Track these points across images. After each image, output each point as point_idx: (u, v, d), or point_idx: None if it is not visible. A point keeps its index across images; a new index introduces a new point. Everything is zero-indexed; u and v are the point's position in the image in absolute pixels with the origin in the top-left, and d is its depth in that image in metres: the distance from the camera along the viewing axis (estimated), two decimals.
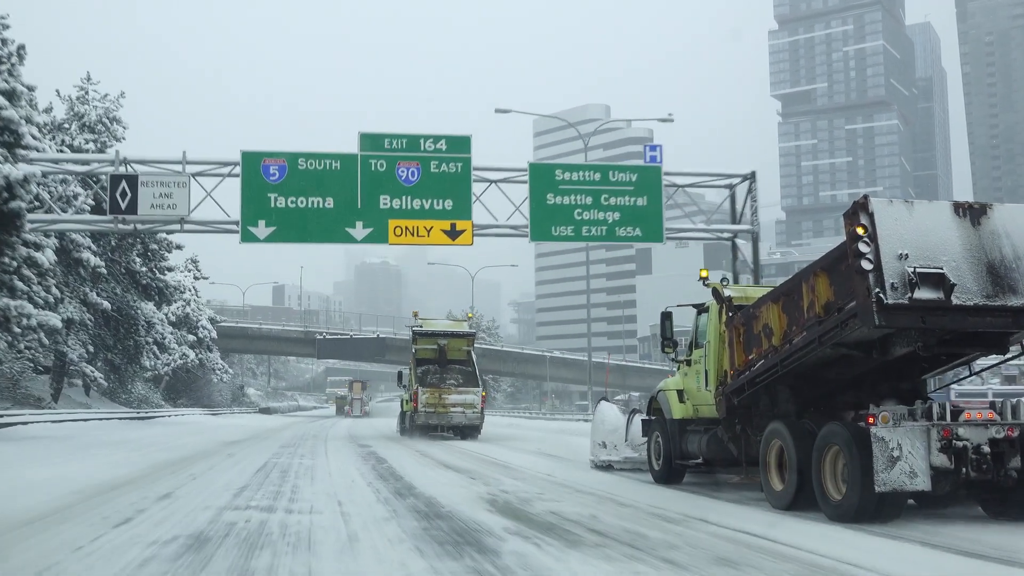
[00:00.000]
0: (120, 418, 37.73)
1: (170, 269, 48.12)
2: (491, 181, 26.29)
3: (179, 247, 47.56)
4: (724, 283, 13.02)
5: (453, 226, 25.37)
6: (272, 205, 24.79)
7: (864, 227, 9.07)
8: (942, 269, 9.01)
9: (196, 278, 61.03)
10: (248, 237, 24.82)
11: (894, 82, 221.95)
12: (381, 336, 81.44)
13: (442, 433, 29.91)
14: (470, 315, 49.24)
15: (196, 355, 57.74)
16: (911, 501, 10.29)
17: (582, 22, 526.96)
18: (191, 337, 58.00)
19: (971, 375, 11.22)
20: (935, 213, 9.34)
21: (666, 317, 14.36)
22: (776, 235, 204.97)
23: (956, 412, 9.35)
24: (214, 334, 61.45)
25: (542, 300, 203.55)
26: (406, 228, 25.19)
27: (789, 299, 10.76)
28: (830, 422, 9.98)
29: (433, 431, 29.83)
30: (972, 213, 9.36)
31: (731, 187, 28.51)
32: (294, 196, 24.85)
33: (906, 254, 8.99)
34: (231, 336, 77.99)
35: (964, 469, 9.14)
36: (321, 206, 24.92)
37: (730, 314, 12.29)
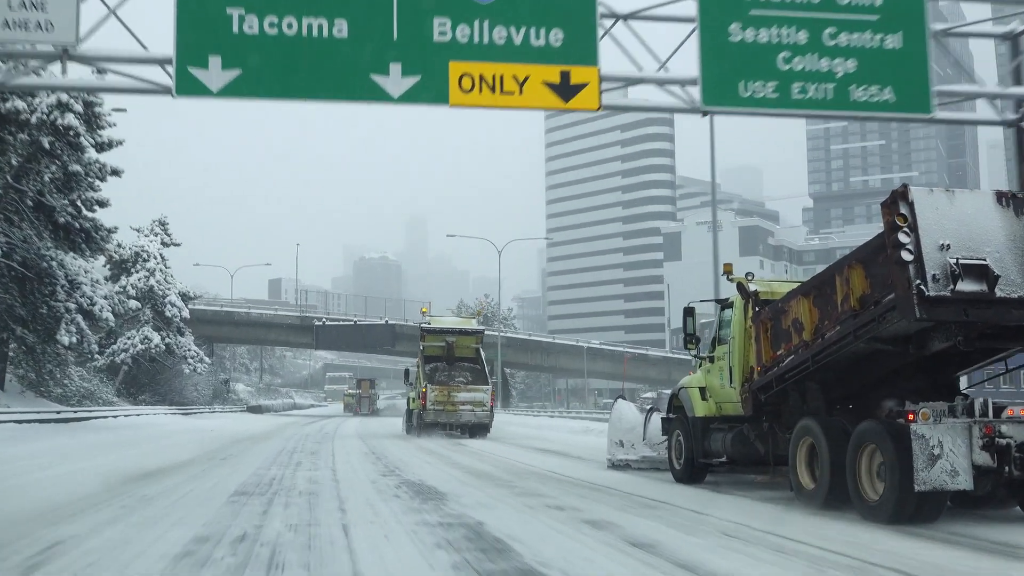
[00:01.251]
0: (21, 420, 24.94)
1: (101, 204, 31.77)
2: (619, 17, 13.64)
3: (116, 173, 31.65)
4: (749, 277, 12.70)
5: (565, 76, 13.24)
6: (234, 30, 12.62)
7: (904, 217, 8.76)
8: (985, 260, 8.70)
9: (165, 244, 49.96)
10: (189, 86, 12.47)
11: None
12: (391, 322, 72.61)
13: (450, 432, 29.54)
14: (479, 312, 48.81)
15: (163, 339, 47.14)
16: (947, 503, 9.99)
17: None
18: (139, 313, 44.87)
19: (1007, 371, 10.87)
20: (977, 202, 9.03)
21: (688, 313, 14.05)
22: (803, 223, 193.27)
23: (998, 409, 9.02)
24: (185, 313, 49.32)
25: (553, 292, 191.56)
26: (481, 78, 13.05)
27: (821, 293, 10.44)
28: (866, 419, 9.65)
29: (442, 429, 29.46)
30: (1016, 203, 9.05)
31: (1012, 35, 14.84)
32: (275, 15, 12.69)
33: (948, 244, 8.68)
34: (215, 322, 69.15)
35: (1007, 467, 8.81)
36: (326, 34, 12.81)
37: (756, 309, 11.97)
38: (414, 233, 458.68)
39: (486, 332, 43.86)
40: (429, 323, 32.26)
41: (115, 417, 33.78)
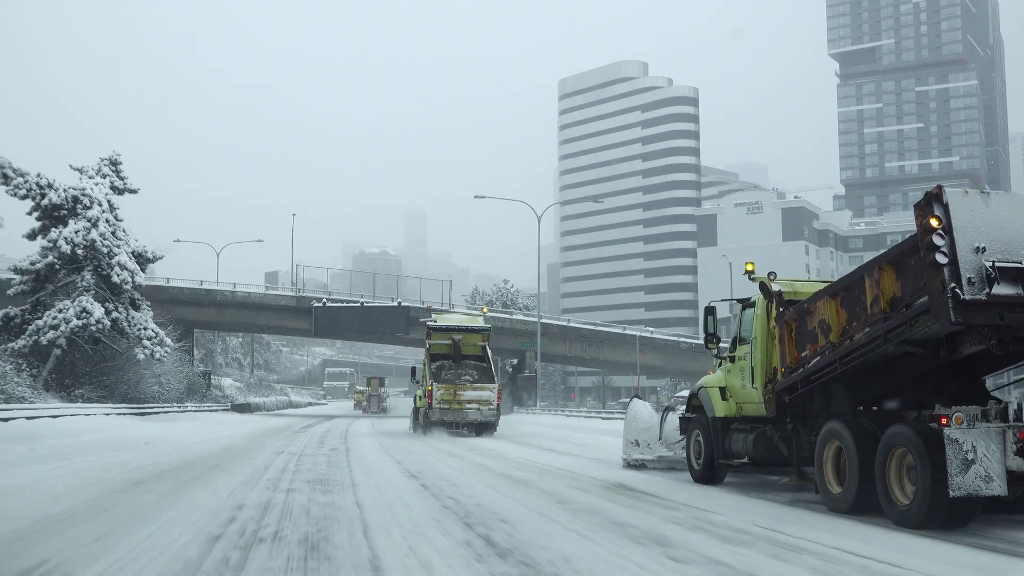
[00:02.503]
0: None
1: None
2: None
3: None
4: (772, 277, 12.59)
5: None
6: None
7: (938, 219, 8.64)
8: (1022, 263, 8.58)
9: (116, 189, 37.73)
10: None
11: (971, 39, 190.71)
12: (404, 304, 62.05)
13: (457, 430, 29.39)
14: (485, 310, 48.51)
15: (107, 312, 35.08)
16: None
17: None
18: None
19: None
20: (1013, 205, 8.92)
21: (709, 312, 13.96)
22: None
23: None
24: (140, 277, 37.49)
25: (566, 284, 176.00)
26: None
27: (849, 294, 10.33)
28: (896, 423, 9.56)
29: (448, 428, 29.31)
30: None
31: None
32: None
33: (983, 247, 8.57)
34: (194, 303, 60.22)
35: None
36: None
37: (780, 309, 11.86)
38: (413, 230, 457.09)
39: (517, 318, 42.38)
40: (435, 321, 32.07)
41: (29, 419, 22.92)
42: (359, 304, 63.76)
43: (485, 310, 48.92)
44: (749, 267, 13.07)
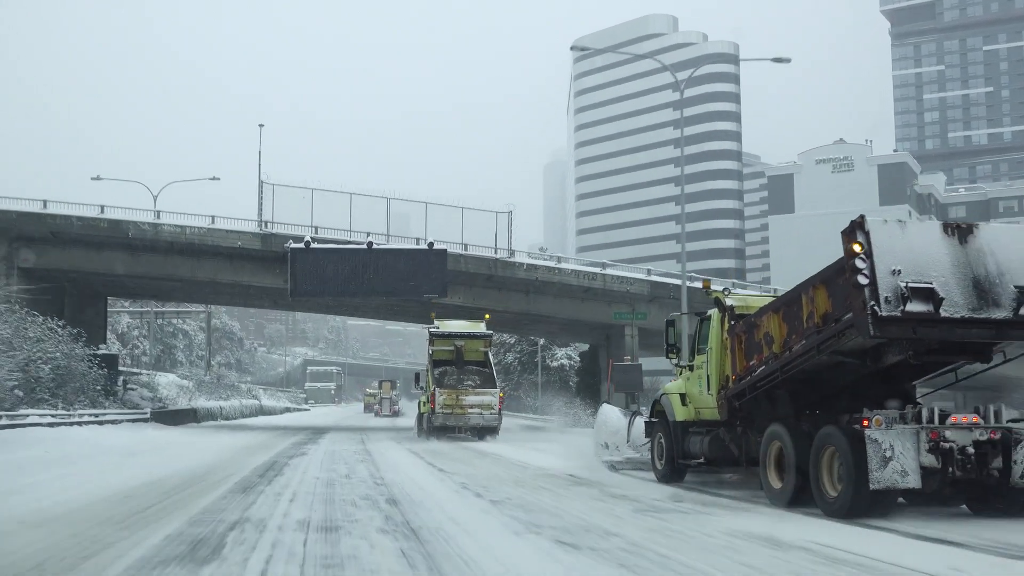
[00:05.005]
0: None
1: None
2: None
3: None
4: (726, 292, 13.78)
5: None
6: None
7: (861, 244, 9.83)
8: (932, 284, 9.77)
9: None
10: None
11: None
12: (438, 247, 37.70)
13: (459, 434, 30.01)
14: (487, 316, 48.12)
15: None
16: (900, 499, 11.09)
17: None
18: None
19: (957, 382, 11.97)
20: (926, 232, 10.13)
21: (670, 324, 15.12)
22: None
23: (943, 416, 10.16)
24: None
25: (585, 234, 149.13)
26: None
27: (790, 309, 11.51)
28: (827, 425, 10.74)
29: (451, 432, 29.96)
30: (960, 232, 10.14)
31: None
32: None
33: (899, 270, 9.76)
34: (86, 243, 37.10)
35: (950, 468, 9.95)
36: None
37: (732, 322, 13.03)
38: (397, 227, 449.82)
39: (613, 273, 33.99)
40: (438, 328, 32.50)
41: None
42: (364, 246, 37.77)
43: (487, 316, 47.78)
44: (706, 284, 14.25)
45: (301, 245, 37.13)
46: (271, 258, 38.11)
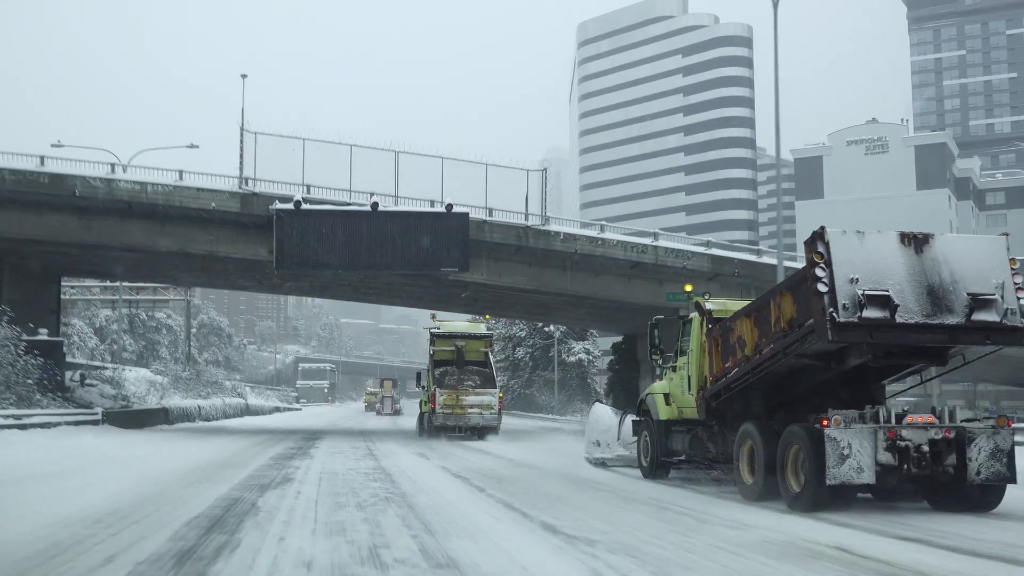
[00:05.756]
0: None
1: None
2: None
3: None
4: (706, 297, 14.39)
5: None
6: None
7: (821, 254, 10.44)
8: (888, 291, 10.37)
9: None
10: None
11: None
12: (458, 210, 31.24)
13: (452, 435, 30.29)
14: (487, 317, 48.51)
15: None
16: (868, 495, 11.69)
17: None
18: None
19: (922, 382, 12.54)
20: (883, 242, 10.71)
21: (654, 327, 15.73)
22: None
23: (900, 416, 10.76)
24: None
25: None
26: None
27: (760, 314, 12.12)
28: (792, 424, 11.34)
29: (451, 432, 30.31)
30: (916, 242, 10.72)
31: None
32: None
33: (857, 278, 10.36)
34: (27, 203, 29.76)
35: (906, 465, 10.56)
36: None
37: (710, 326, 13.65)
38: None
39: (666, 246, 30.37)
40: (439, 328, 32.77)
41: None
42: (367, 208, 31.01)
43: (487, 317, 48.11)
44: (688, 288, 14.86)
45: (289, 206, 30.20)
46: (253, 224, 31.02)
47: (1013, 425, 11.04)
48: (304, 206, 30.51)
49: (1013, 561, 7.88)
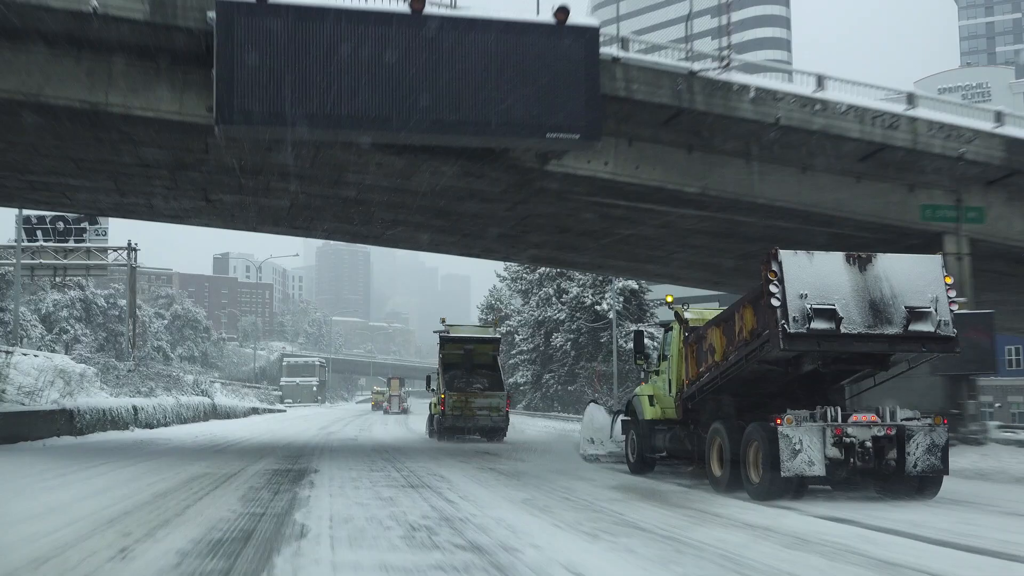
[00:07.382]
0: None
1: None
2: None
3: None
4: (684, 307, 15.77)
5: None
6: None
7: (775, 272, 11.82)
8: (834, 305, 11.73)
9: None
10: None
11: None
12: (576, 19, 17.00)
13: (461, 436, 31.25)
14: (496, 320, 49.43)
15: None
16: (828, 488, 13.03)
17: None
18: None
19: (875, 385, 13.87)
20: (830, 261, 12.07)
21: (638, 335, 17.14)
22: None
23: (847, 415, 12.12)
24: None
25: None
26: None
27: (728, 324, 13.50)
28: (752, 422, 12.72)
29: (460, 433, 31.23)
30: (860, 261, 12.08)
31: None
32: None
33: (806, 294, 11.72)
34: None
35: (852, 460, 11.92)
36: None
37: (687, 334, 15.03)
38: None
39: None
40: (448, 332, 33.59)
41: None
42: (404, 9, 16.35)
43: (496, 320, 48.87)
44: (669, 299, 16.26)
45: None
46: (174, 49, 16.86)
47: (947, 423, 12.38)
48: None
49: (939, 543, 9.17)
